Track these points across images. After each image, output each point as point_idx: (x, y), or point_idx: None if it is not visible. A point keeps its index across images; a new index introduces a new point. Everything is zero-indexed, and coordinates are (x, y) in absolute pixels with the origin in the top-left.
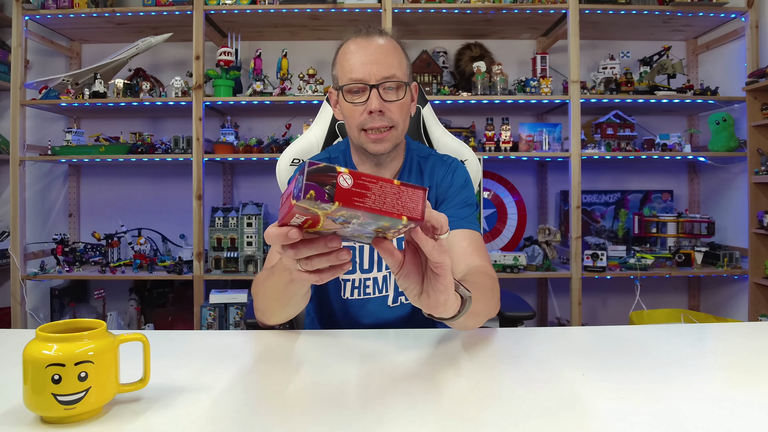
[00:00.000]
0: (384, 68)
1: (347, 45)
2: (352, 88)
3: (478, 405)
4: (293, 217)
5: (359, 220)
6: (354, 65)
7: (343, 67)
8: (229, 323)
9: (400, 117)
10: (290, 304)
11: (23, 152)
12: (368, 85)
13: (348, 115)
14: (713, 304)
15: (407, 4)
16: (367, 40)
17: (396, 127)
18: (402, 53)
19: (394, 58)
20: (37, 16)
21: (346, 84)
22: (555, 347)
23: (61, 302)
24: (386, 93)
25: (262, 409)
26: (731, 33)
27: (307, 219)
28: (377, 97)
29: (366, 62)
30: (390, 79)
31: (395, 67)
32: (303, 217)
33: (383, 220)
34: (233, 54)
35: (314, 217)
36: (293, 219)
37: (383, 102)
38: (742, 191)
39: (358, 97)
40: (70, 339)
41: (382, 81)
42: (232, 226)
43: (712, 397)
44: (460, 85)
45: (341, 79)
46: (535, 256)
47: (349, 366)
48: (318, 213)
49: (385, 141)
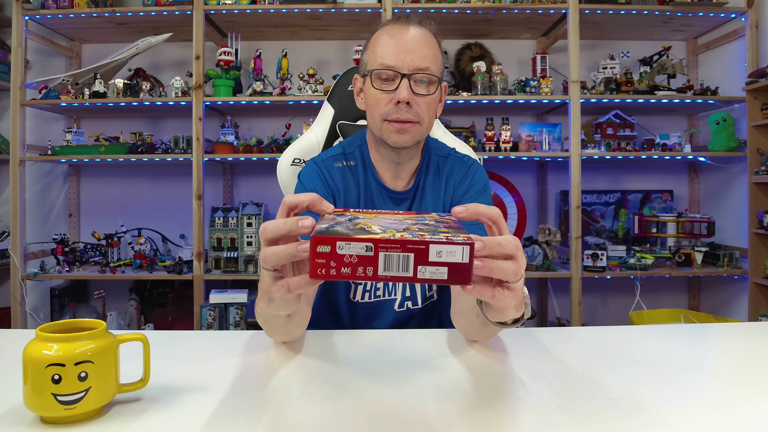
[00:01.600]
0: (419, 59)
1: (383, 29)
2: (381, 74)
3: (478, 405)
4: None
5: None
6: (387, 51)
7: (374, 52)
8: (229, 323)
9: (426, 113)
10: (297, 326)
11: (23, 152)
12: (399, 73)
13: (372, 103)
14: (713, 304)
15: (407, 4)
16: (404, 27)
17: (421, 123)
18: (438, 48)
19: (430, 50)
20: (37, 16)
21: (376, 69)
22: (555, 347)
23: (61, 302)
24: (417, 86)
25: (262, 409)
26: (731, 33)
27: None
28: (407, 87)
29: (400, 50)
30: (424, 71)
31: (430, 59)
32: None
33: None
34: (233, 54)
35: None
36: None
37: (412, 94)
38: (742, 191)
39: (387, 85)
40: (70, 339)
41: (414, 72)
42: (232, 226)
43: (712, 398)
44: (460, 85)
45: (371, 63)
46: (535, 256)
47: (351, 366)
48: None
49: (407, 132)
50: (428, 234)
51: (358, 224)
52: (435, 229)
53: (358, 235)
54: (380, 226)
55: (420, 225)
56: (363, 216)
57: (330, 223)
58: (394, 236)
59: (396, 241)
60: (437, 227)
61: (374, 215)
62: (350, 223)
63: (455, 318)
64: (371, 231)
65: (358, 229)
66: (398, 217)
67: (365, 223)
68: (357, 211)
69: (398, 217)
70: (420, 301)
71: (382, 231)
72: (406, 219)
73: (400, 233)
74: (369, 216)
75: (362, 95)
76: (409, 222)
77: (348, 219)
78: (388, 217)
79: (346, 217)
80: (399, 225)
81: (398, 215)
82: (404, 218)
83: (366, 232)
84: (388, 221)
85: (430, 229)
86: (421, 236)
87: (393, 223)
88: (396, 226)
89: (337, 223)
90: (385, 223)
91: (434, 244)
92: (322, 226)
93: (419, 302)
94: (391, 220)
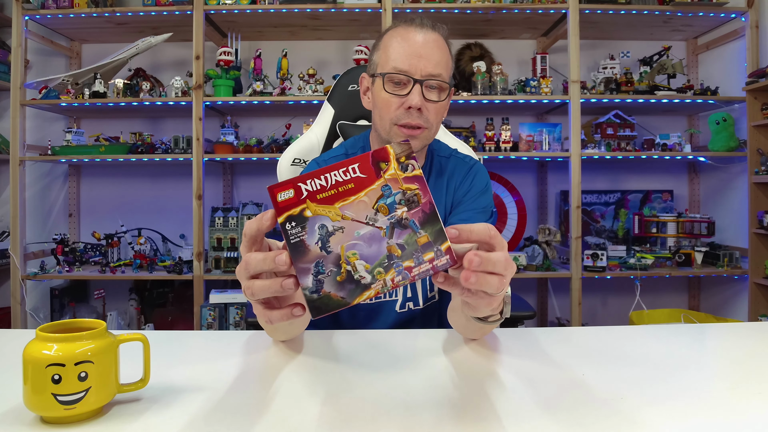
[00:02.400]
0: (432, 65)
1: (396, 30)
2: (393, 78)
3: (478, 404)
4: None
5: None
6: (401, 55)
7: (387, 54)
8: (229, 323)
9: (435, 119)
10: (297, 326)
11: (23, 152)
12: (412, 78)
13: (382, 105)
14: (713, 304)
15: (407, 4)
16: (418, 31)
17: (430, 129)
18: (450, 53)
19: (442, 56)
20: (37, 16)
21: (388, 72)
22: (555, 347)
23: (61, 302)
24: (428, 92)
25: (262, 409)
26: (731, 33)
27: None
28: (419, 93)
29: (413, 54)
30: (436, 77)
31: (442, 65)
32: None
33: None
34: (233, 54)
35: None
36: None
37: (424, 100)
38: (742, 191)
39: (399, 89)
40: (70, 339)
41: (427, 78)
42: (232, 226)
43: (712, 398)
44: (460, 85)
45: (383, 65)
46: (535, 256)
47: (351, 365)
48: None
49: (416, 138)
50: (414, 262)
51: (336, 254)
52: (412, 240)
53: (353, 298)
54: (360, 255)
55: (397, 234)
56: (329, 223)
57: (308, 264)
58: (385, 283)
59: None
60: (414, 233)
61: (339, 218)
62: (326, 252)
63: (449, 314)
64: (357, 270)
65: (344, 273)
66: (365, 211)
67: (341, 246)
68: (317, 208)
69: (366, 213)
70: (422, 302)
71: (367, 272)
72: (378, 220)
73: (389, 275)
74: (335, 221)
75: (369, 95)
76: (382, 225)
77: (318, 239)
78: (355, 221)
79: (314, 237)
80: (377, 246)
81: (364, 206)
82: (374, 216)
83: (353, 284)
84: (362, 232)
85: (408, 241)
86: (408, 269)
87: (367, 239)
88: (375, 251)
89: (316, 262)
90: (358, 238)
91: (420, 275)
92: (305, 279)
93: (420, 303)
94: (365, 231)
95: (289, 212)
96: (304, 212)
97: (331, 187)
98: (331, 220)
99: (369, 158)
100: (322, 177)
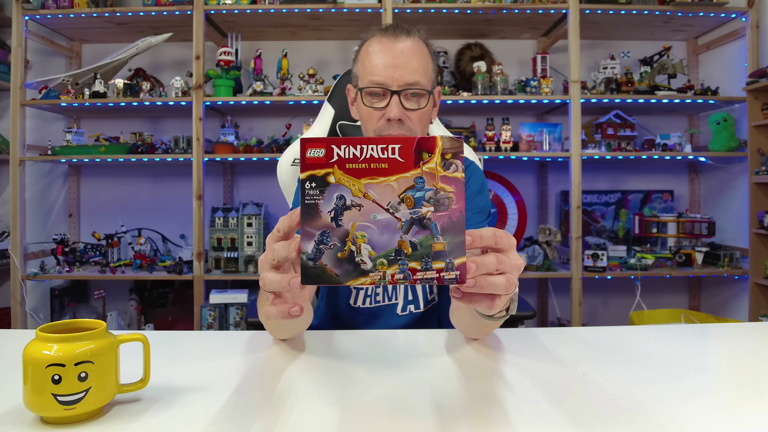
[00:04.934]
0: (408, 73)
1: (371, 43)
2: (371, 91)
3: (478, 404)
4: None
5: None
6: (376, 67)
7: (364, 67)
8: (229, 323)
9: (419, 126)
10: (299, 324)
11: (23, 152)
12: (389, 90)
13: (365, 118)
14: (714, 304)
15: (407, 4)
16: (393, 40)
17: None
18: (429, 57)
19: (420, 62)
20: (37, 16)
21: (365, 87)
22: (555, 347)
23: (61, 302)
24: (407, 100)
25: (263, 409)
26: (732, 33)
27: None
28: (398, 104)
29: (389, 65)
30: (413, 86)
31: (420, 72)
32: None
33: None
34: (233, 54)
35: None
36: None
37: (403, 110)
38: (742, 191)
39: (378, 101)
40: (70, 339)
41: (404, 87)
42: (232, 226)
43: (713, 398)
44: (461, 85)
45: (362, 80)
46: (536, 256)
47: (351, 366)
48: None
49: None
50: (420, 266)
51: (344, 230)
52: (428, 243)
53: (348, 279)
54: (369, 239)
55: (414, 232)
56: (349, 196)
57: (314, 230)
58: (384, 276)
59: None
60: (432, 237)
61: (360, 195)
62: (336, 224)
63: (452, 314)
64: (360, 254)
65: (346, 251)
66: (390, 196)
67: (353, 223)
68: (342, 177)
69: (390, 199)
70: (422, 305)
71: (370, 259)
72: (399, 210)
73: (391, 269)
74: (355, 197)
75: (356, 106)
76: (402, 217)
77: (333, 209)
78: (376, 204)
79: (329, 206)
80: (389, 236)
81: (391, 191)
82: (397, 204)
83: (352, 265)
84: (378, 217)
85: (423, 242)
86: (412, 270)
87: (382, 225)
88: (385, 240)
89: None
90: (373, 222)
91: (422, 281)
92: (307, 244)
93: (422, 306)
94: (382, 217)
95: (313, 171)
96: (327, 177)
97: (364, 160)
98: (351, 194)
99: (413, 143)
100: (357, 147)
